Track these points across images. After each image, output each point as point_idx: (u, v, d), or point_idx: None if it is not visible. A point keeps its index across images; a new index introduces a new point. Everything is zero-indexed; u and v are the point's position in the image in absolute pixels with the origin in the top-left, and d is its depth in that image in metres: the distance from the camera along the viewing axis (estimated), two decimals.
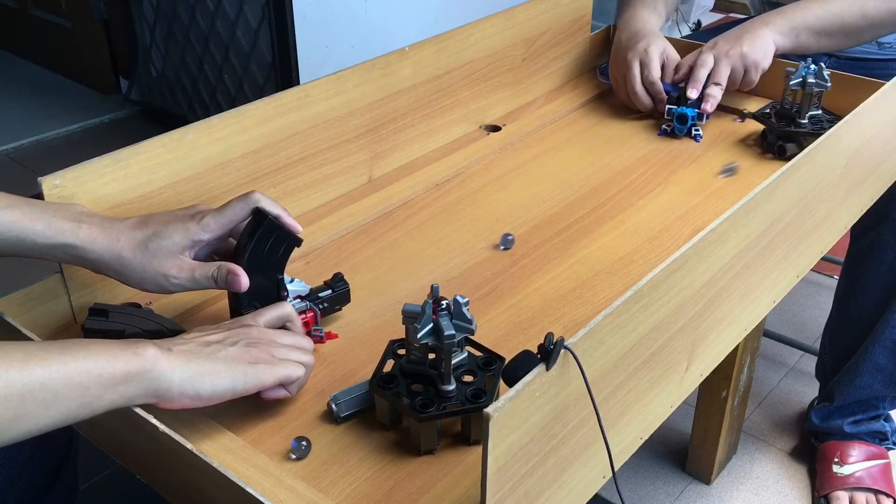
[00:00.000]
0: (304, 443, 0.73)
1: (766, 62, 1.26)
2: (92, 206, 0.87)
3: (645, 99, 1.31)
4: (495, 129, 1.31)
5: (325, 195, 1.11)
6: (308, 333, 0.85)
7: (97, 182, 0.87)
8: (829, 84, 1.18)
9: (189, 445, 0.65)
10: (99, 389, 0.63)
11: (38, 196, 0.83)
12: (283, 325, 0.79)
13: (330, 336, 0.86)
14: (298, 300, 0.85)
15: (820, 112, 1.21)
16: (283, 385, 0.74)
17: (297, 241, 0.82)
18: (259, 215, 0.80)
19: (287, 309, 0.80)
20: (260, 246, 0.79)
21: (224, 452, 0.72)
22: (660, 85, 1.29)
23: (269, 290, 0.82)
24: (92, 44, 2.92)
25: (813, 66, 1.18)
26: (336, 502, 0.69)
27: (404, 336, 0.76)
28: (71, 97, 2.99)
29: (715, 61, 1.26)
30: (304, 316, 0.84)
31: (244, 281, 0.78)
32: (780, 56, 1.28)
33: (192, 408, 0.70)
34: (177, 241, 0.77)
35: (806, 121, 1.19)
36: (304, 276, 0.95)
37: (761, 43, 1.25)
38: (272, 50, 2.30)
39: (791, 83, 1.19)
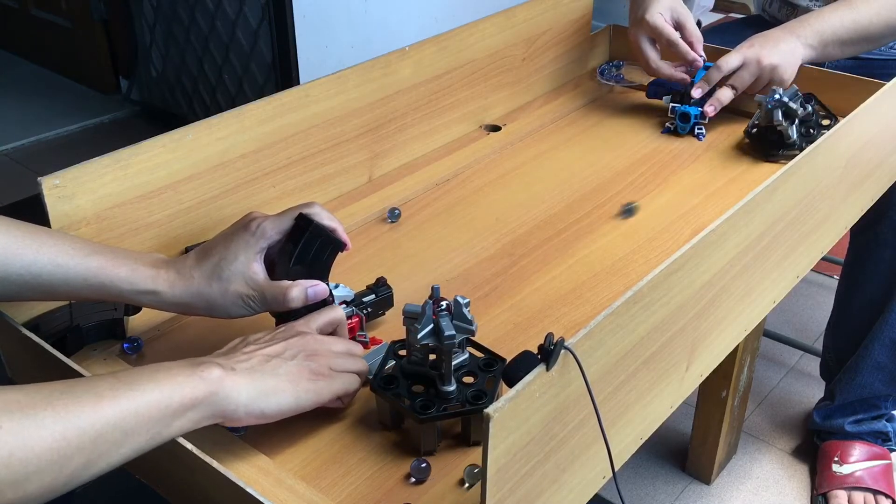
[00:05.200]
0: (423, 464, 0.71)
1: (790, 81, 1.23)
2: (92, 205, 0.87)
3: (669, 71, 1.29)
4: (495, 128, 1.31)
5: (325, 195, 1.11)
6: (353, 338, 0.84)
7: (97, 182, 0.87)
8: (800, 109, 1.16)
9: (189, 445, 0.65)
10: (168, 420, 0.62)
11: (38, 196, 0.83)
12: (332, 330, 0.79)
13: (374, 341, 0.86)
14: (344, 305, 0.84)
15: (810, 110, 1.19)
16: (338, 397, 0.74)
17: (342, 246, 0.80)
18: (303, 220, 0.78)
19: (339, 313, 0.79)
20: (305, 251, 0.78)
21: (224, 452, 0.72)
22: (680, 46, 1.26)
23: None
24: (92, 44, 2.92)
25: (776, 96, 1.15)
26: (336, 502, 0.69)
27: (405, 336, 0.76)
28: (71, 97, 2.99)
29: (744, 64, 1.23)
30: (350, 321, 0.83)
31: (324, 286, 0.78)
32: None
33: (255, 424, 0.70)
34: (243, 259, 0.76)
35: (794, 136, 1.17)
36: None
37: (793, 59, 1.22)
38: (272, 50, 2.30)
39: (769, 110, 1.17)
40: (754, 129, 1.21)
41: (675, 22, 1.29)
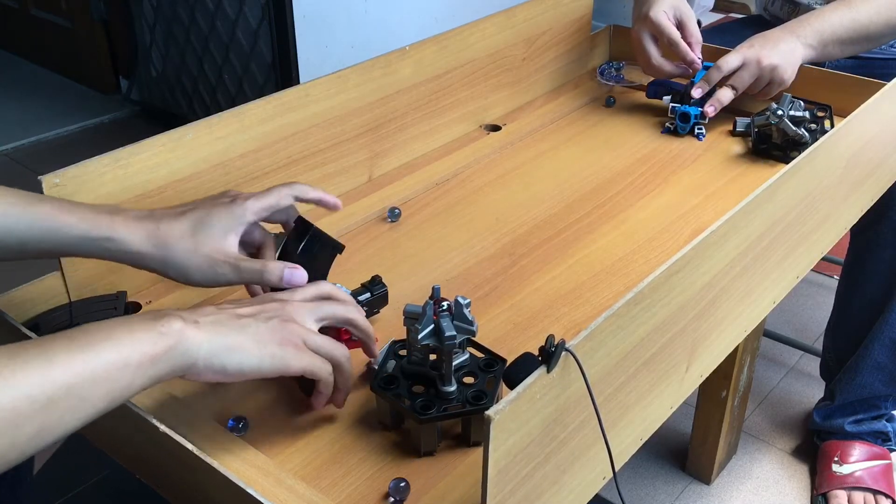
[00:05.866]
0: (402, 483, 0.70)
1: (791, 80, 1.23)
2: None
3: (667, 68, 1.30)
4: (495, 128, 1.31)
5: None
6: (349, 339, 0.84)
7: (97, 181, 0.87)
8: (805, 113, 1.17)
9: (189, 446, 0.65)
10: (127, 379, 0.59)
11: None
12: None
13: None
14: None
15: (803, 113, 1.19)
16: (322, 392, 0.72)
17: (340, 248, 0.81)
18: (303, 224, 0.79)
19: (325, 287, 0.75)
20: (306, 254, 0.78)
21: (224, 452, 0.72)
22: (681, 46, 1.27)
23: None
24: (92, 44, 2.92)
25: (779, 112, 1.15)
26: (336, 502, 0.69)
27: (405, 336, 0.76)
28: (71, 97, 2.99)
29: (744, 64, 1.23)
30: None
31: (303, 272, 0.75)
32: None
33: (220, 382, 0.67)
34: (224, 224, 0.73)
35: (807, 137, 1.17)
36: None
37: (793, 59, 1.22)
38: (272, 50, 2.30)
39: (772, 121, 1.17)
40: (763, 145, 1.21)
41: (678, 21, 1.29)
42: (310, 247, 0.79)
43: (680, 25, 1.29)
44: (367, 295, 0.87)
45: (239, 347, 0.65)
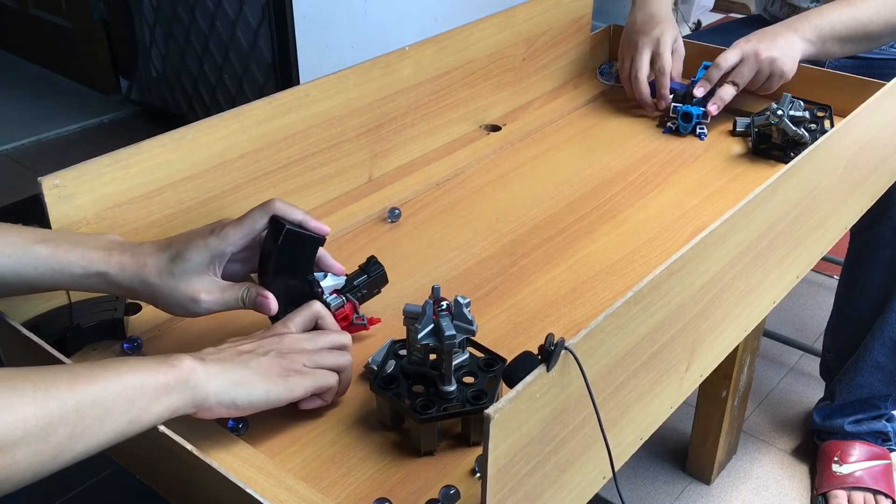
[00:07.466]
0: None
1: (792, 73, 1.23)
2: (92, 205, 0.87)
3: (645, 88, 1.29)
4: (495, 128, 1.31)
5: (325, 195, 1.11)
6: (351, 324, 0.84)
7: (97, 182, 0.87)
8: (805, 113, 1.18)
9: (189, 446, 0.65)
10: (145, 402, 0.63)
11: (38, 196, 0.83)
12: (316, 324, 0.79)
13: (373, 321, 0.86)
14: (335, 295, 0.85)
15: (803, 113, 1.19)
16: (317, 395, 0.74)
17: (321, 241, 0.80)
18: (276, 223, 0.78)
19: (315, 307, 0.79)
20: (284, 253, 0.78)
21: (224, 452, 0.72)
22: (667, 79, 1.27)
23: (302, 294, 0.81)
24: (92, 44, 2.92)
25: (779, 112, 1.15)
26: (336, 502, 0.69)
27: (405, 336, 0.76)
28: (71, 97, 2.99)
29: (742, 59, 1.23)
30: (342, 310, 0.83)
31: (273, 304, 0.77)
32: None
33: (227, 417, 0.71)
34: (199, 259, 0.75)
35: (807, 137, 1.17)
36: None
37: (793, 53, 1.22)
38: (272, 50, 2.30)
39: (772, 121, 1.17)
40: (763, 145, 1.21)
41: (673, 52, 1.30)
42: (285, 248, 0.78)
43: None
44: (364, 277, 0.87)
45: (245, 382, 0.69)
